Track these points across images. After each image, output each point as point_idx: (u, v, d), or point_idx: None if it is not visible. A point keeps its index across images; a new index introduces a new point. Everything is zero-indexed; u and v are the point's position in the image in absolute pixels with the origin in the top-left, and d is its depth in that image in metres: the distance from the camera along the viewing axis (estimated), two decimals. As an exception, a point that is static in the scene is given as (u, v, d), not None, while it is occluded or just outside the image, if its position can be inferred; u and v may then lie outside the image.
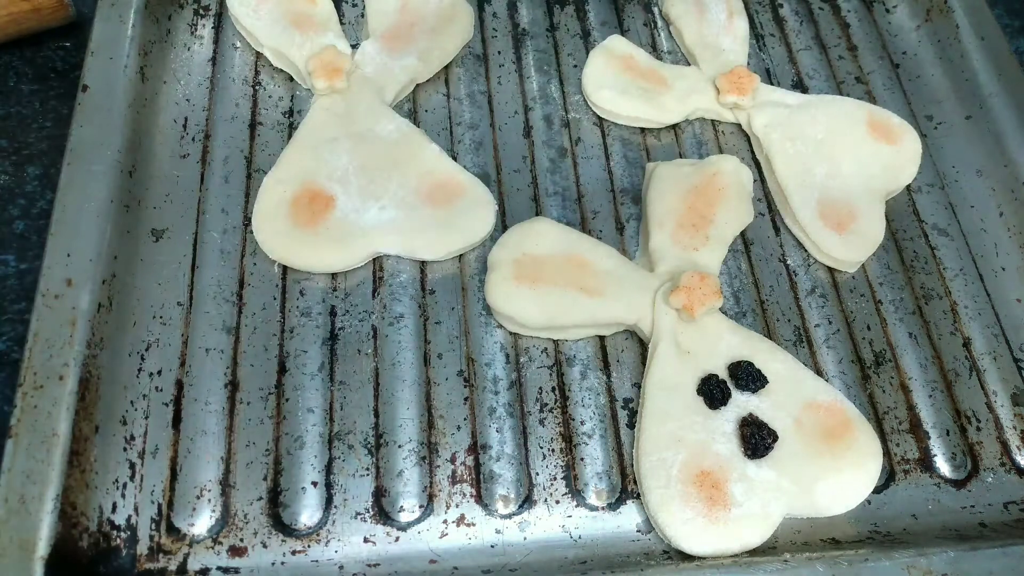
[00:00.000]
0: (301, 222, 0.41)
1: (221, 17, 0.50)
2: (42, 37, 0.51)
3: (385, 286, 0.41)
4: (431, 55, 0.48)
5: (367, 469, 0.36)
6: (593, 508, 0.37)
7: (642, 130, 0.48)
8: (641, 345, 0.41)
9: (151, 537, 0.34)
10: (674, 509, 0.35)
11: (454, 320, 0.41)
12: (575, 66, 0.50)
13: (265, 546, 0.35)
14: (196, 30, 0.49)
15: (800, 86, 0.51)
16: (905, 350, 0.42)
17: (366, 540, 0.35)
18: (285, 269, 0.41)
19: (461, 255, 0.42)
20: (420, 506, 0.36)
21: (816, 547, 0.36)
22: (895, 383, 0.41)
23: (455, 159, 0.45)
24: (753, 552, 0.35)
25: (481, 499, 0.36)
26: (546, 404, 0.39)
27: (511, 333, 0.40)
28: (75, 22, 0.51)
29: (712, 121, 0.49)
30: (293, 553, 0.35)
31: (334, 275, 0.41)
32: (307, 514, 0.35)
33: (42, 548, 0.31)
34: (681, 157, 0.47)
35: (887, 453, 0.39)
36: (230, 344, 0.39)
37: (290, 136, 0.45)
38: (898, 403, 0.40)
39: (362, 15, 0.51)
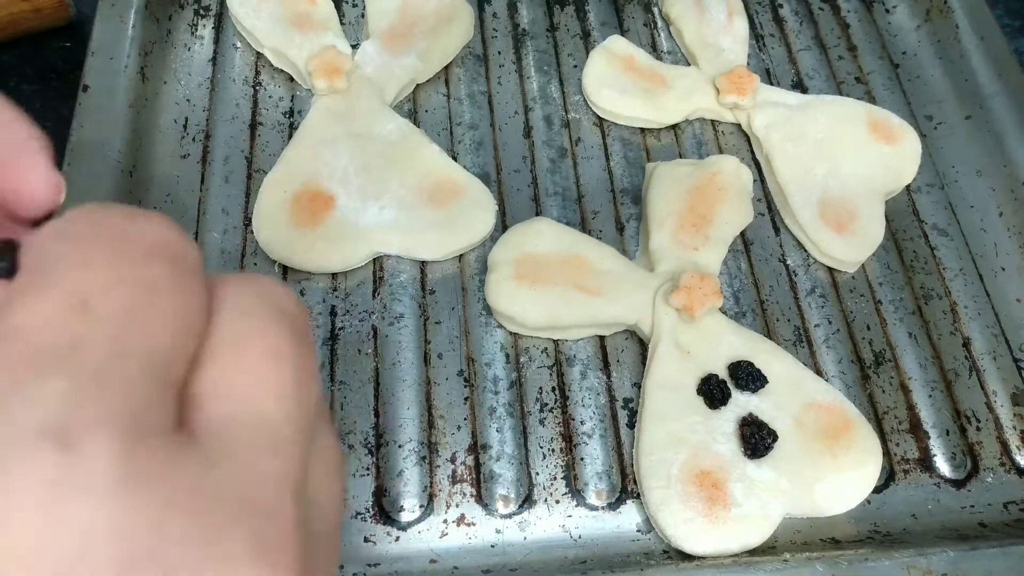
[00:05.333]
0: (301, 222, 0.41)
1: (221, 17, 0.50)
2: (42, 37, 0.51)
3: (385, 286, 0.41)
4: (431, 55, 0.48)
5: (367, 469, 0.36)
6: (593, 508, 0.37)
7: (642, 130, 0.48)
8: (641, 345, 0.41)
9: (151, 537, 0.34)
10: (674, 509, 0.35)
11: (454, 320, 0.41)
12: (575, 66, 0.50)
13: (265, 546, 0.35)
14: (196, 30, 0.49)
15: (800, 86, 0.51)
16: (905, 350, 0.42)
17: (366, 540, 0.35)
18: (285, 269, 0.41)
19: (461, 255, 0.42)
20: (420, 506, 0.36)
21: (816, 547, 0.36)
22: (895, 383, 0.41)
23: (455, 159, 0.45)
24: (753, 552, 0.35)
25: (481, 499, 0.36)
26: (546, 404, 0.39)
27: (511, 333, 0.40)
28: (75, 22, 0.51)
29: (712, 121, 0.49)
30: (293, 553, 0.34)
31: (334, 275, 0.41)
32: (307, 514, 0.35)
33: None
34: (681, 157, 0.47)
35: (887, 453, 0.39)
36: (230, 344, 0.39)
37: (290, 136, 0.45)
38: (898, 403, 0.40)
39: (362, 15, 0.51)
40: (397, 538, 0.35)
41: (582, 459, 0.38)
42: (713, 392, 0.37)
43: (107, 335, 0.15)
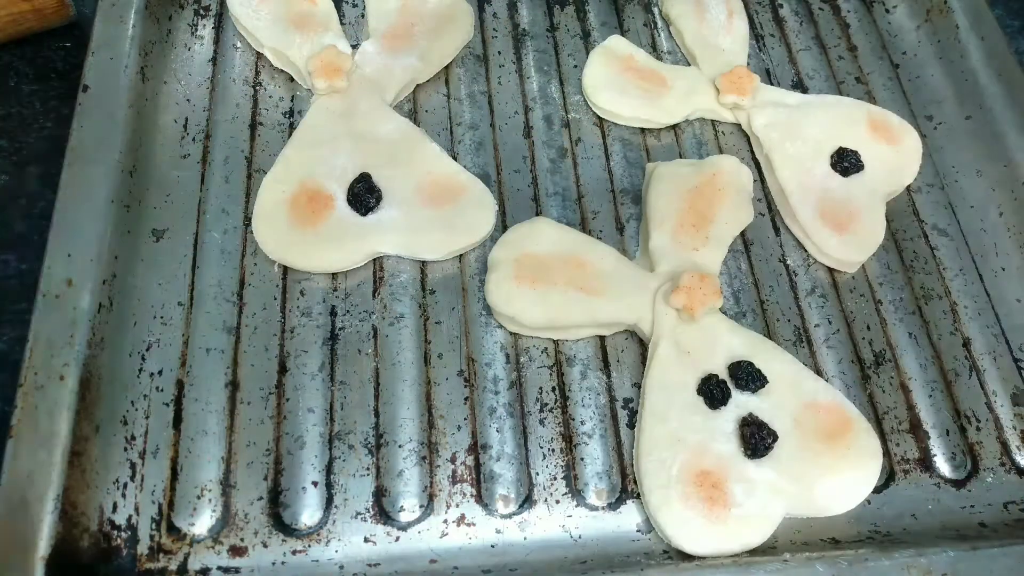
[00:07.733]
0: (300, 222, 0.41)
1: (221, 17, 0.50)
2: (43, 37, 0.51)
3: (385, 286, 0.41)
4: (431, 55, 0.48)
5: (367, 469, 0.36)
6: (593, 508, 0.37)
7: (642, 130, 0.48)
8: (641, 345, 0.41)
9: (151, 537, 0.35)
10: (674, 509, 0.35)
11: (454, 320, 0.41)
12: (575, 66, 0.50)
13: (265, 546, 0.35)
14: (196, 30, 0.49)
15: (800, 86, 0.51)
16: (905, 350, 0.42)
17: (366, 540, 0.35)
18: (285, 269, 0.41)
19: (461, 255, 0.42)
20: (420, 506, 0.36)
21: (816, 547, 0.36)
22: (895, 383, 0.41)
23: (455, 159, 0.45)
24: (753, 552, 0.35)
25: (481, 499, 0.36)
26: (546, 404, 0.39)
27: (511, 333, 0.40)
28: (75, 22, 0.51)
29: (712, 121, 0.49)
30: (293, 553, 0.35)
31: (334, 275, 0.41)
32: (307, 514, 0.35)
33: (43, 548, 0.31)
34: (681, 157, 0.47)
35: (887, 453, 0.39)
36: (230, 344, 0.39)
37: (290, 136, 0.45)
38: (898, 403, 0.40)
39: (362, 15, 0.51)
40: (397, 538, 0.35)
41: (582, 459, 0.38)
42: (713, 392, 0.37)
43: None
